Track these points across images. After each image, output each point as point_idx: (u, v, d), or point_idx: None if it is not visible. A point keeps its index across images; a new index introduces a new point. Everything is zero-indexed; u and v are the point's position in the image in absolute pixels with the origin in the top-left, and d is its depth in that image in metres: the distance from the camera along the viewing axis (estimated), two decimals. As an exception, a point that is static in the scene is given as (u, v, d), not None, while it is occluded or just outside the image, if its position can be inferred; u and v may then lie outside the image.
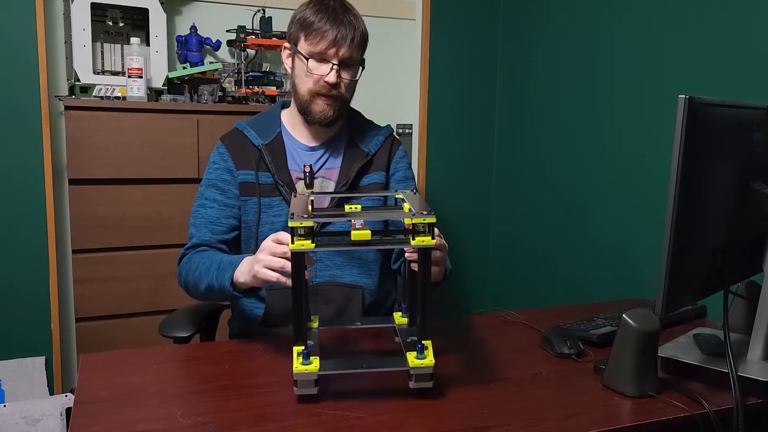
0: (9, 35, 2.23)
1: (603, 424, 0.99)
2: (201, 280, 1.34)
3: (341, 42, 1.36)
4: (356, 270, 1.48)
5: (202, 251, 1.40)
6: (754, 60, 1.77)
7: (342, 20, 1.37)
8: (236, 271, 1.25)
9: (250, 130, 1.48)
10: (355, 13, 1.41)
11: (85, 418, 0.97)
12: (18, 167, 2.28)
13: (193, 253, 1.41)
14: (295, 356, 1.02)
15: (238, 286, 1.25)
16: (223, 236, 1.45)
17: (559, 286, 2.59)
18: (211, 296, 1.36)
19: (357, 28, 1.39)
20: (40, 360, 2.35)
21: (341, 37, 1.36)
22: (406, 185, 1.55)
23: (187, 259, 1.41)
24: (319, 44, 1.36)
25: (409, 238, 1.03)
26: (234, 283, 1.25)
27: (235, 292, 1.27)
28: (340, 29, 1.36)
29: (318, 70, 1.38)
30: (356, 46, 1.39)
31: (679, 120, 0.96)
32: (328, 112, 1.42)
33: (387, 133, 1.57)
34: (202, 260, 1.36)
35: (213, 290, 1.31)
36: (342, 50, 1.37)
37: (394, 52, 2.90)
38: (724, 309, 1.11)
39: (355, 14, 1.41)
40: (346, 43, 1.37)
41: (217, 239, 1.44)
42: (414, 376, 1.03)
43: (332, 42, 1.36)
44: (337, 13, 1.37)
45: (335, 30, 1.36)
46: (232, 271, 1.26)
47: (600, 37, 2.33)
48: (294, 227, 0.99)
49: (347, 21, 1.37)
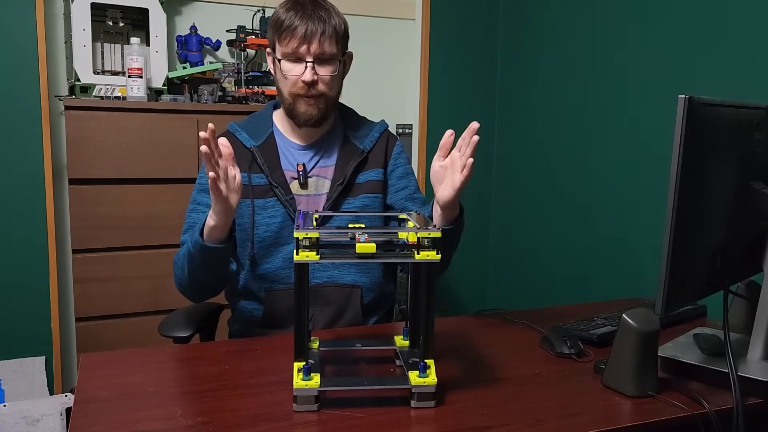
0: (9, 35, 2.23)
1: (603, 424, 0.99)
2: (184, 260, 1.33)
3: (311, 37, 1.33)
4: (354, 269, 1.47)
5: None
6: (754, 60, 1.77)
7: (311, 15, 1.34)
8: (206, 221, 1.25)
9: (242, 132, 1.47)
10: (327, 7, 1.38)
11: (85, 418, 0.97)
12: (18, 167, 2.28)
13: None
14: (295, 372, 1.01)
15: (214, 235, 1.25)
16: None
17: (559, 286, 2.59)
18: (196, 272, 1.33)
19: (328, 22, 1.35)
20: (40, 360, 2.35)
21: (311, 33, 1.33)
22: (408, 181, 1.54)
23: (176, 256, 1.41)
24: (290, 43, 1.34)
25: (413, 253, 1.01)
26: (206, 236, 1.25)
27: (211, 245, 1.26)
28: (308, 25, 1.33)
29: (293, 71, 1.37)
30: (329, 39, 1.35)
31: (678, 120, 0.96)
32: (312, 112, 1.39)
33: (381, 129, 1.55)
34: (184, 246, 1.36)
35: (193, 259, 1.30)
36: (313, 46, 1.34)
37: (394, 52, 2.90)
38: (724, 309, 1.11)
39: (327, 8, 1.38)
40: (317, 38, 1.34)
41: None
42: (416, 395, 1.02)
43: (302, 38, 1.33)
44: (306, 8, 1.35)
45: (304, 26, 1.33)
46: (202, 223, 1.26)
47: (600, 36, 2.33)
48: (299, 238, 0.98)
49: (317, 16, 1.34)
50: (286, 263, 1.43)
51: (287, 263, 1.43)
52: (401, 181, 1.53)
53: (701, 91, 1.85)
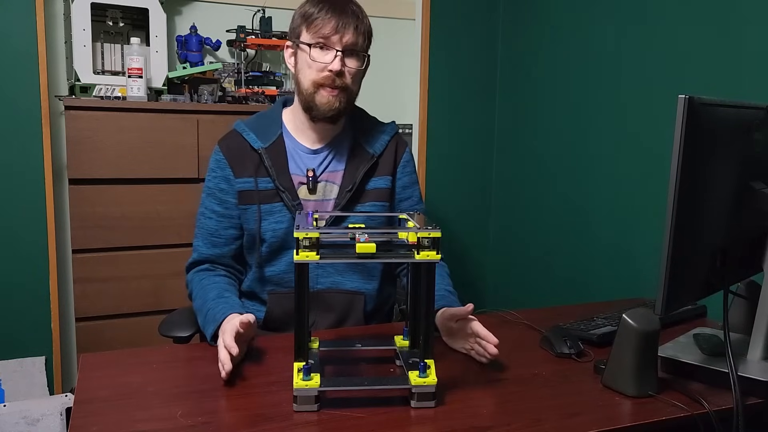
0: (9, 35, 2.23)
1: (603, 424, 0.99)
2: (197, 312, 1.37)
3: (344, 28, 1.33)
4: (358, 276, 1.46)
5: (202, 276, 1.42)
6: (754, 60, 1.77)
7: (344, 9, 1.35)
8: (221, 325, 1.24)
9: (250, 133, 1.43)
10: (358, 5, 1.39)
11: (85, 417, 0.97)
12: (18, 167, 2.28)
13: (195, 275, 1.43)
14: (295, 372, 1.01)
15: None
16: (224, 249, 1.45)
17: (559, 286, 2.58)
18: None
19: (360, 19, 1.36)
20: (40, 360, 2.35)
21: (344, 24, 1.33)
22: (412, 191, 1.53)
23: (191, 279, 1.44)
24: (321, 30, 1.33)
25: (413, 253, 1.01)
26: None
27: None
28: (342, 16, 1.34)
29: (321, 58, 1.35)
30: (361, 33, 1.36)
31: (678, 120, 0.96)
32: (333, 104, 1.36)
33: (392, 132, 1.52)
34: (198, 293, 1.38)
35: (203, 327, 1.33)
36: (346, 36, 1.33)
37: (394, 52, 2.90)
38: (724, 309, 1.11)
39: (359, 6, 1.39)
40: (350, 29, 1.34)
41: (218, 253, 1.44)
42: (416, 395, 1.02)
43: (335, 28, 1.33)
44: (338, 3, 1.36)
45: (337, 17, 1.33)
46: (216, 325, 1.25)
47: (600, 37, 2.33)
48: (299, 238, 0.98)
49: (350, 10, 1.35)
50: (291, 267, 1.41)
51: (291, 267, 1.41)
52: (405, 191, 1.52)
53: (701, 91, 1.85)
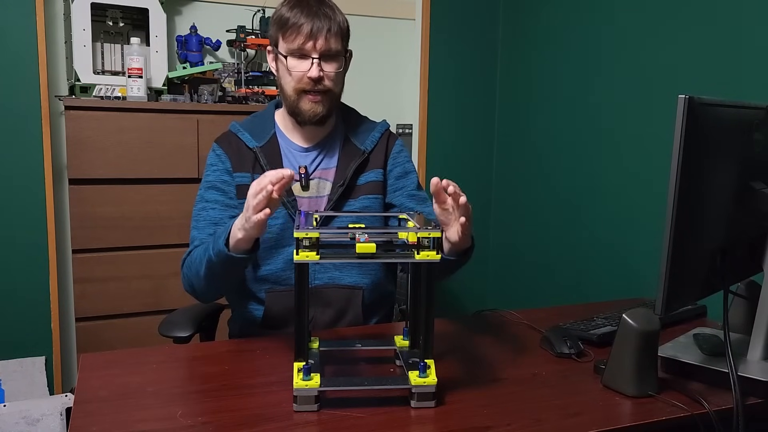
0: (9, 35, 2.23)
1: (603, 424, 0.99)
2: (200, 264, 1.30)
3: (317, 34, 1.35)
4: (356, 270, 1.47)
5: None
6: (754, 60, 1.77)
7: (316, 13, 1.36)
8: (231, 230, 1.21)
9: (245, 133, 1.47)
10: (330, 5, 1.40)
11: (85, 418, 0.97)
12: (18, 167, 2.28)
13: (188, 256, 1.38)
14: (295, 372, 1.01)
15: (239, 246, 1.21)
16: None
17: (559, 285, 2.59)
18: (214, 277, 1.30)
19: (333, 19, 1.37)
20: (40, 360, 2.35)
21: (317, 29, 1.35)
22: (407, 180, 1.53)
23: (187, 255, 1.39)
24: (296, 40, 1.35)
25: (413, 253, 1.01)
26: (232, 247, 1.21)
27: (237, 255, 1.22)
28: (314, 22, 1.35)
29: (299, 67, 1.37)
30: (334, 36, 1.37)
31: (678, 120, 0.96)
32: (317, 109, 1.40)
33: (383, 129, 1.54)
34: (199, 247, 1.33)
35: (213, 265, 1.26)
36: (319, 42, 1.35)
37: (394, 52, 2.90)
38: (724, 309, 1.11)
39: (330, 6, 1.39)
40: (323, 35, 1.35)
41: None
42: (416, 395, 1.02)
43: (308, 35, 1.34)
44: (311, 6, 1.36)
45: (310, 23, 1.34)
46: (226, 233, 1.22)
47: (600, 37, 2.33)
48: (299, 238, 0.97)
49: (322, 13, 1.36)
50: (287, 264, 1.42)
51: (288, 264, 1.43)
52: (399, 181, 1.53)
53: (701, 91, 1.85)
